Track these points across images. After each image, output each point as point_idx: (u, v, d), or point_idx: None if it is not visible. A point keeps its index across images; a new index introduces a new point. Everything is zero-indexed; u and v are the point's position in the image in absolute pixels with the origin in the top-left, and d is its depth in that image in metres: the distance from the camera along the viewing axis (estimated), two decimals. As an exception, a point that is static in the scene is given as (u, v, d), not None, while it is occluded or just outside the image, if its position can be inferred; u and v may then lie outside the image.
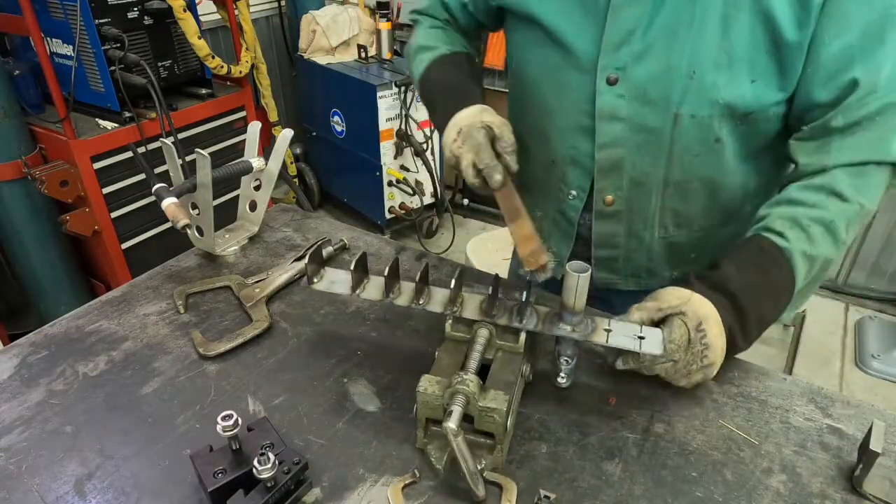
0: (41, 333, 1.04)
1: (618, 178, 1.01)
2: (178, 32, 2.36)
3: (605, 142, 0.98)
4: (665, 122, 0.93)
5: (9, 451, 0.81)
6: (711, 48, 0.85)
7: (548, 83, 1.02)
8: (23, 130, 2.18)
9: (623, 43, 0.90)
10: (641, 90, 0.91)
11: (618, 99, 0.93)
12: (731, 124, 0.91)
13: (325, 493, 0.76)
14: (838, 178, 0.86)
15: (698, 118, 0.91)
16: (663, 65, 0.89)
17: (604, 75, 0.93)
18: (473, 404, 0.73)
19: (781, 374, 0.96)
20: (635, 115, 0.94)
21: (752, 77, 0.86)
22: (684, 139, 0.94)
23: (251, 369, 0.96)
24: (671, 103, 0.91)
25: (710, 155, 0.95)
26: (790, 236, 0.85)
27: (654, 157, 0.98)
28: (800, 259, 0.85)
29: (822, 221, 0.85)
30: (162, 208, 1.07)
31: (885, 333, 2.84)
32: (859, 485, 0.76)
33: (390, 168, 3.42)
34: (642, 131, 0.95)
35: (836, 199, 0.85)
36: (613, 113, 0.95)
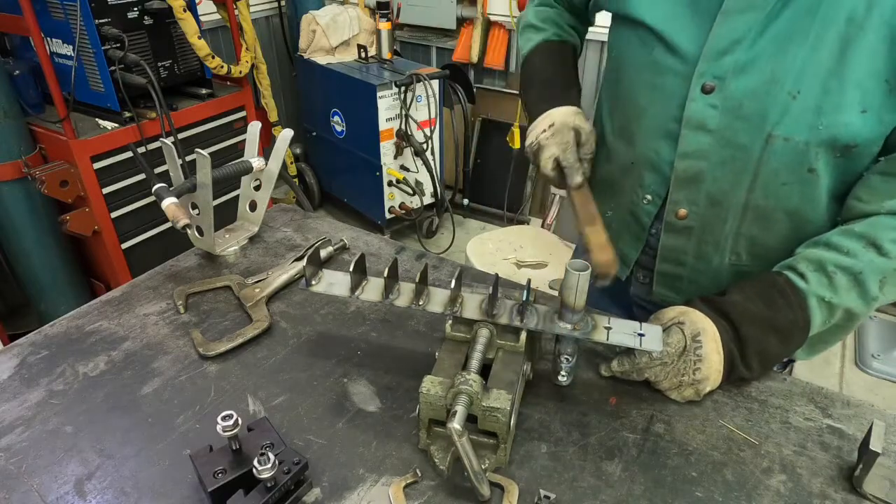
0: (41, 333, 1.04)
1: (694, 191, 0.96)
2: (178, 32, 2.36)
3: (688, 151, 0.93)
4: (756, 142, 0.86)
5: (9, 451, 0.81)
6: (823, 68, 0.79)
7: (641, 83, 0.98)
8: (23, 130, 2.18)
9: (727, 51, 0.85)
10: (737, 103, 0.86)
11: (710, 109, 0.88)
12: (829, 155, 0.84)
13: (325, 493, 0.76)
14: (883, 227, 0.81)
15: (794, 143, 0.84)
16: (766, 79, 0.83)
17: (700, 82, 0.88)
18: (477, 404, 0.73)
19: (781, 374, 0.96)
20: (726, 129, 0.88)
21: (862, 107, 0.79)
22: (774, 163, 0.87)
23: (251, 369, 0.96)
24: (767, 122, 0.84)
25: (800, 185, 0.88)
26: (810, 279, 0.83)
27: (738, 177, 0.91)
28: (815, 303, 0.83)
29: (850, 271, 0.81)
30: (162, 208, 1.07)
31: (885, 333, 2.85)
32: (859, 485, 0.76)
33: (390, 168, 3.42)
34: (730, 147, 0.89)
35: (874, 252, 0.81)
36: (702, 123, 0.90)
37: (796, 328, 0.83)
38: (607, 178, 1.12)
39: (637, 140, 1.03)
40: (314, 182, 4.02)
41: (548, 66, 1.17)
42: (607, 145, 1.12)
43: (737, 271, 1.02)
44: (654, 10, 0.93)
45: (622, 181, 1.09)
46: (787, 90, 0.82)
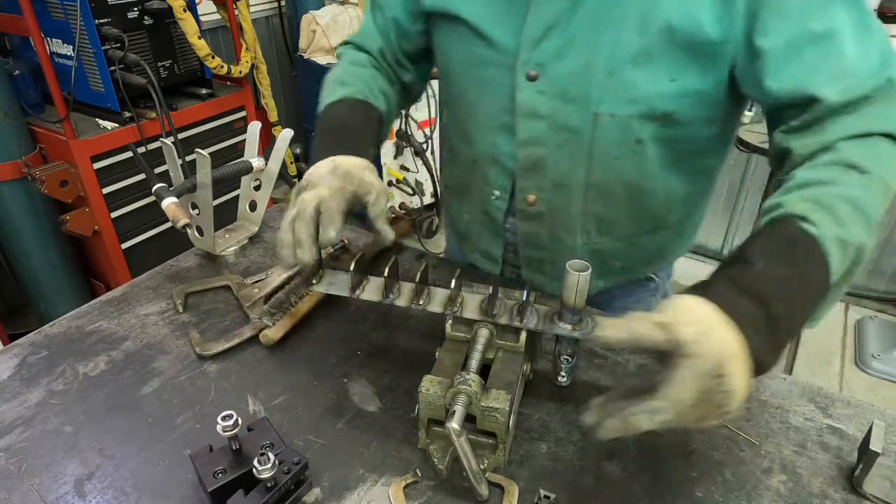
0: (41, 333, 1.04)
1: (539, 178, 0.99)
2: (178, 32, 2.36)
3: (526, 139, 0.96)
4: (585, 122, 0.90)
5: (9, 451, 0.81)
6: (630, 45, 0.83)
7: (469, 80, 1.00)
8: (23, 130, 2.18)
9: (543, 38, 0.87)
10: (562, 87, 0.89)
11: (538, 95, 0.91)
12: (653, 126, 0.89)
13: (325, 493, 0.76)
14: (847, 150, 0.72)
15: (618, 118, 0.88)
16: (583, 61, 0.86)
17: (524, 70, 0.90)
18: (476, 404, 0.73)
19: (781, 374, 0.96)
20: (556, 113, 0.91)
21: (671, 76, 0.84)
22: (604, 140, 0.91)
23: (251, 369, 0.96)
24: (591, 102, 0.88)
25: (631, 158, 0.93)
26: (817, 220, 0.67)
27: (575, 158, 0.95)
28: (833, 247, 0.66)
29: (847, 199, 0.68)
30: (162, 208, 1.07)
31: (885, 333, 2.85)
32: (859, 485, 0.76)
33: (390, 168, 3.42)
34: (563, 130, 0.92)
35: (855, 172, 0.70)
36: (534, 110, 0.92)
37: (820, 286, 0.67)
38: (458, 181, 1.14)
39: (475, 137, 1.04)
40: (314, 182, 4.01)
41: (350, 116, 1.02)
42: (452, 148, 1.14)
43: (591, 249, 1.05)
44: (470, 5, 0.93)
45: (470, 181, 1.11)
46: (602, 69, 0.86)
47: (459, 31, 0.96)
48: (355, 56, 1.13)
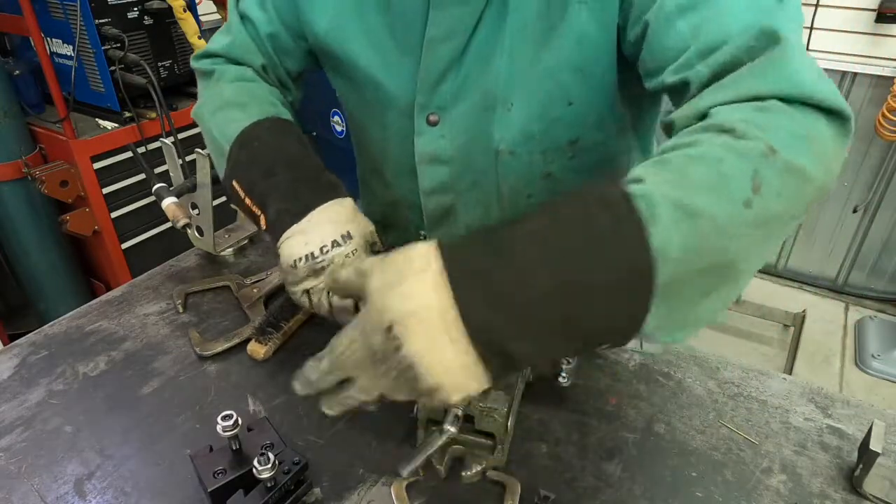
0: (41, 333, 1.04)
1: (452, 226, 0.93)
2: (178, 32, 2.36)
3: (431, 188, 0.90)
4: (489, 162, 0.85)
5: (9, 451, 0.81)
6: (525, 75, 0.78)
7: (372, 123, 0.93)
8: (23, 130, 2.18)
9: (440, 81, 0.81)
10: (462, 128, 0.83)
11: (440, 139, 0.85)
12: (561, 157, 0.83)
13: (325, 493, 0.76)
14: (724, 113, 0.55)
15: (518, 154, 0.83)
16: (480, 98, 0.81)
17: (423, 115, 0.84)
18: (474, 404, 0.73)
19: (781, 374, 0.96)
20: (459, 156, 0.85)
21: (568, 100, 0.78)
22: (511, 179, 0.86)
23: (251, 369, 0.96)
24: (493, 140, 0.83)
25: (544, 193, 0.87)
26: (648, 177, 0.49)
27: (487, 202, 0.89)
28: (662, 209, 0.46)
29: (706, 161, 0.50)
30: (162, 208, 1.07)
31: (885, 333, 2.84)
32: (859, 485, 0.76)
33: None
34: (469, 172, 0.87)
35: (727, 136, 0.51)
36: (435, 155, 0.86)
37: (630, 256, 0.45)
38: (380, 216, 1.07)
39: (389, 181, 0.99)
40: (314, 182, 4.01)
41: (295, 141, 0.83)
42: (367, 184, 1.08)
43: None
44: (363, 52, 0.85)
45: (394, 217, 1.06)
46: (500, 104, 0.80)
47: (354, 76, 0.89)
48: (238, 71, 0.93)
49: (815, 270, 3.27)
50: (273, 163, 0.78)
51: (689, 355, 1.00)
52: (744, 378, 0.95)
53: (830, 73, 2.82)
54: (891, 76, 2.66)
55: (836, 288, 3.24)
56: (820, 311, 3.07)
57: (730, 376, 0.96)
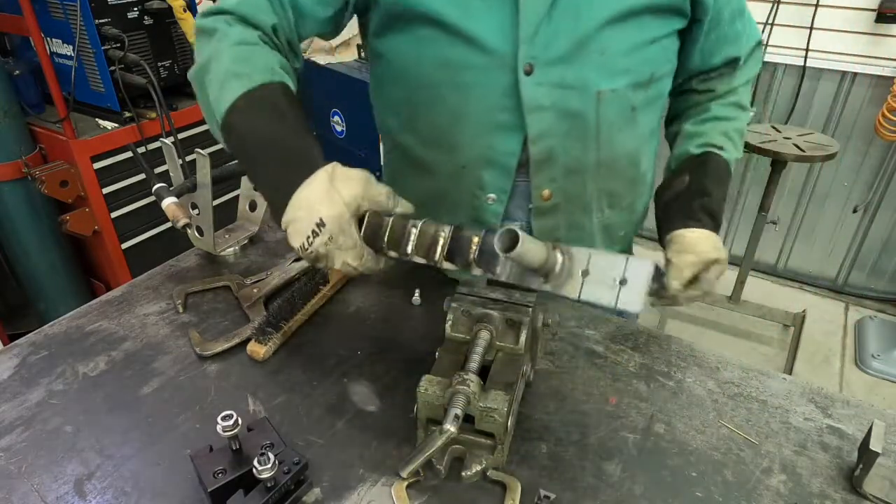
0: (41, 333, 1.04)
1: (551, 169, 0.99)
2: (178, 32, 2.36)
3: (537, 133, 0.94)
4: (588, 103, 0.93)
5: (9, 451, 0.81)
6: (611, 19, 0.89)
7: (448, 85, 0.94)
8: (23, 130, 2.18)
9: (536, 32, 0.88)
10: (559, 75, 0.90)
11: (538, 87, 0.91)
12: (642, 92, 0.97)
13: (325, 493, 0.76)
14: (742, 93, 1.07)
15: (617, 91, 0.94)
16: (573, 46, 0.89)
17: (521, 66, 0.90)
18: (474, 404, 0.73)
19: (781, 374, 0.96)
20: (559, 102, 0.92)
21: (651, 38, 0.93)
22: (609, 116, 0.95)
23: (251, 369, 0.96)
24: (591, 82, 0.92)
25: (630, 128, 1.00)
26: (728, 148, 1.02)
27: (584, 141, 0.97)
28: (733, 165, 1.04)
29: (739, 131, 1.06)
30: (162, 208, 1.07)
31: (885, 333, 2.85)
32: (859, 485, 0.76)
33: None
34: (568, 116, 0.94)
35: (743, 111, 1.07)
36: (539, 103, 0.92)
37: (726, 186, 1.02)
38: (431, 192, 1.04)
39: (461, 143, 0.98)
40: (314, 182, 4.01)
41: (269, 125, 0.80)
42: (418, 160, 1.05)
43: (603, 226, 1.10)
44: (451, 9, 0.88)
45: (453, 190, 1.04)
46: (593, 49, 0.90)
47: (430, 35, 0.91)
48: (242, 33, 0.87)
49: (815, 270, 3.27)
50: (254, 150, 0.80)
51: (689, 355, 1.00)
52: (744, 378, 0.95)
53: (830, 73, 2.83)
54: (891, 76, 2.67)
55: (836, 288, 3.23)
56: (820, 311, 3.07)
57: (730, 376, 0.96)
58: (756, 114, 3.06)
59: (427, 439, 0.72)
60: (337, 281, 1.14)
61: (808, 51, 2.80)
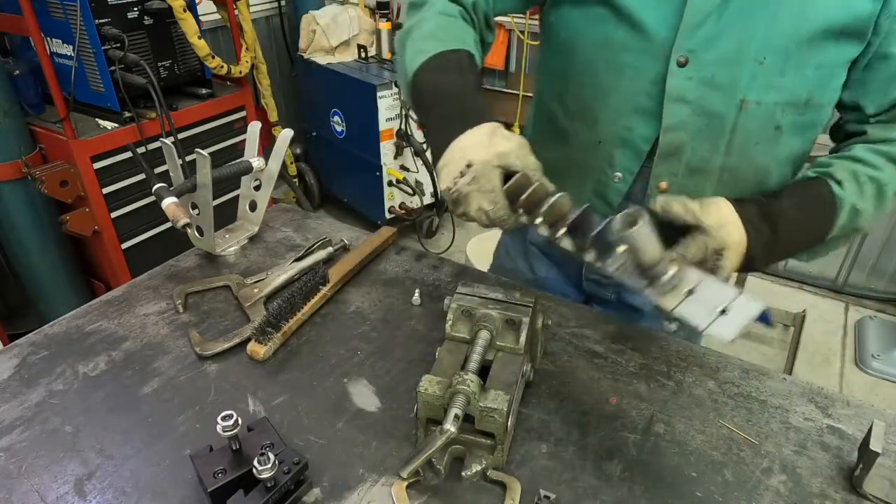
0: (41, 333, 1.04)
1: (676, 163, 0.99)
2: (178, 32, 2.36)
3: (671, 125, 0.95)
4: (730, 108, 0.93)
5: (9, 451, 0.81)
6: (783, 34, 0.86)
7: (604, 62, 0.98)
8: (23, 130, 2.18)
9: (699, 26, 0.88)
10: (710, 74, 0.91)
11: (687, 81, 0.92)
12: (793, 113, 0.93)
13: (325, 493, 0.76)
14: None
15: (763, 105, 0.91)
16: (734, 48, 0.89)
17: (675, 56, 0.91)
18: (474, 404, 0.73)
19: (781, 374, 0.96)
20: (702, 99, 0.93)
21: (817, 63, 0.88)
22: (748, 126, 0.94)
23: (251, 369, 0.96)
24: (738, 89, 0.91)
25: (768, 143, 0.96)
26: (847, 187, 0.89)
27: (715, 143, 0.96)
28: (847, 209, 0.89)
29: (876, 181, 0.89)
30: (162, 208, 1.07)
31: (885, 333, 2.84)
32: (859, 485, 0.76)
33: (390, 168, 3.42)
34: (706, 115, 0.94)
35: (894, 166, 0.90)
36: (682, 95, 0.93)
37: (823, 232, 0.90)
38: (564, 161, 1.07)
39: (602, 119, 1.01)
40: (314, 182, 4.01)
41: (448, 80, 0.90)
42: (560, 128, 1.09)
43: None
44: None
45: (585, 162, 1.07)
46: (753, 57, 0.88)
47: (600, 14, 0.95)
48: (445, 6, 0.99)
49: (815, 270, 3.27)
50: (432, 101, 0.90)
51: (689, 355, 1.00)
52: (744, 378, 0.95)
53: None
54: (891, 76, 2.66)
55: (836, 288, 3.23)
56: (820, 311, 3.07)
57: (730, 376, 0.96)
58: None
59: (427, 439, 0.72)
60: (337, 281, 1.14)
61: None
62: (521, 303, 0.87)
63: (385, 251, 1.29)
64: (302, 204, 3.27)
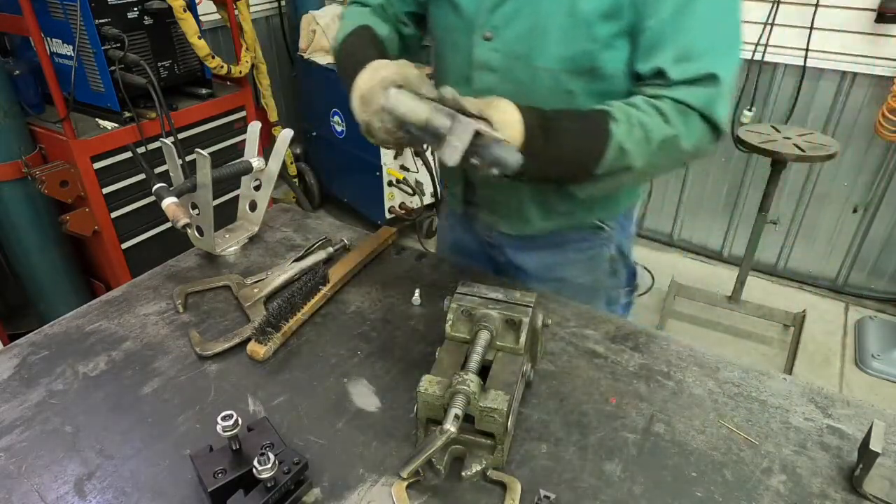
0: (41, 333, 1.04)
1: None
2: (178, 32, 2.36)
3: (480, 89, 1.09)
4: (527, 75, 1.07)
5: (9, 451, 0.81)
6: (564, 13, 1.00)
7: (444, 42, 1.18)
8: (23, 130, 2.18)
9: (497, 7, 1.05)
10: (510, 47, 1.06)
11: (493, 53, 1.08)
12: (579, 79, 1.05)
13: (325, 493, 0.76)
14: (668, 105, 0.98)
15: (553, 72, 1.05)
16: (529, 25, 1.04)
17: (481, 32, 1.08)
18: (474, 404, 0.73)
19: (781, 374, 0.96)
20: (506, 68, 1.08)
21: (593, 36, 1.00)
22: (543, 91, 1.07)
23: (251, 369, 0.96)
24: (532, 58, 1.05)
25: (564, 105, 1.06)
26: (621, 126, 0.96)
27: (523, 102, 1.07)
28: (615, 145, 0.95)
29: (644, 127, 0.96)
30: (162, 208, 1.07)
31: (885, 333, 2.84)
32: (859, 485, 0.76)
33: (390, 168, 3.42)
34: (510, 82, 1.08)
35: (661, 118, 0.97)
36: (488, 64, 1.09)
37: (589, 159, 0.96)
38: None
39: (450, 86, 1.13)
40: (314, 182, 4.01)
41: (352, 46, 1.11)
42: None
43: (535, 191, 1.18)
44: None
45: None
46: (542, 32, 1.03)
47: (444, 5, 1.14)
48: (359, 9, 1.23)
49: (815, 270, 3.27)
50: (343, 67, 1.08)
51: (689, 355, 1.00)
52: (744, 378, 0.95)
53: (830, 73, 2.82)
54: (891, 76, 2.66)
55: (836, 288, 3.23)
56: (820, 311, 3.07)
57: (730, 376, 0.96)
58: (754, 114, 3.06)
59: (427, 439, 0.72)
60: (337, 281, 1.14)
61: (808, 51, 2.80)
62: (521, 303, 0.87)
63: (385, 251, 1.29)
64: (302, 204, 3.27)
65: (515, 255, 1.29)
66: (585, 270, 1.28)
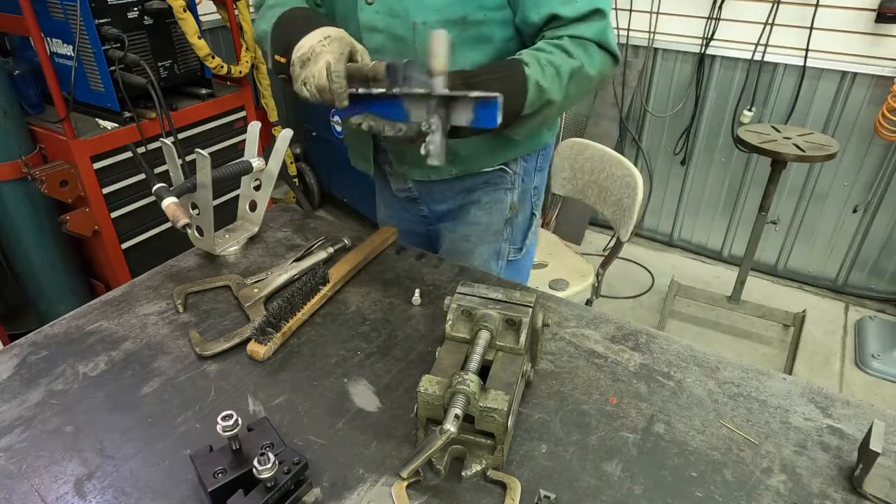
0: (41, 333, 1.04)
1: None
2: (178, 32, 2.36)
3: (370, 48, 1.15)
4: (408, 31, 1.16)
5: (9, 451, 0.81)
6: None
7: (338, 12, 1.25)
8: (23, 130, 2.18)
9: None
10: (389, 7, 1.16)
11: (375, 14, 1.17)
12: (457, 29, 1.14)
13: (325, 493, 0.76)
14: (567, 42, 1.11)
15: (429, 24, 1.14)
16: None
17: None
18: (474, 404, 0.73)
19: (781, 374, 0.96)
20: (388, 27, 1.17)
21: None
22: (422, 43, 1.14)
23: (251, 369, 0.96)
24: (409, 15, 1.14)
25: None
26: (532, 68, 1.06)
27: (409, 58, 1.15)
28: (533, 85, 1.05)
29: (553, 64, 1.08)
30: (162, 208, 1.07)
31: (885, 333, 2.85)
32: (859, 485, 0.76)
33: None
34: (395, 40, 1.18)
35: (565, 54, 1.09)
36: (373, 26, 1.19)
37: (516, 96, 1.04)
38: None
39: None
40: (314, 182, 4.01)
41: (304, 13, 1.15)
42: None
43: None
44: None
45: None
46: None
47: None
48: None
49: (815, 270, 3.27)
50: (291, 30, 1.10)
51: (689, 355, 1.00)
52: (744, 378, 0.95)
53: (830, 73, 2.82)
54: (891, 76, 2.66)
55: (836, 288, 3.23)
56: (820, 311, 3.07)
57: (730, 376, 0.96)
58: (754, 114, 3.06)
59: (427, 439, 0.72)
60: (337, 281, 1.14)
61: (808, 51, 2.80)
62: (521, 303, 0.87)
63: (385, 251, 1.29)
64: (302, 204, 3.27)
65: (433, 204, 1.41)
66: (488, 213, 1.38)
